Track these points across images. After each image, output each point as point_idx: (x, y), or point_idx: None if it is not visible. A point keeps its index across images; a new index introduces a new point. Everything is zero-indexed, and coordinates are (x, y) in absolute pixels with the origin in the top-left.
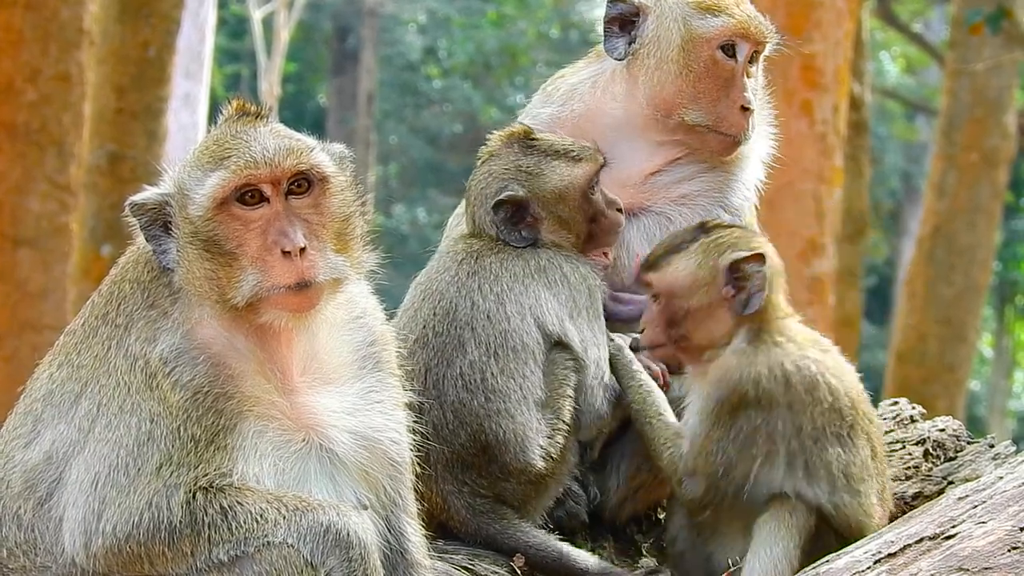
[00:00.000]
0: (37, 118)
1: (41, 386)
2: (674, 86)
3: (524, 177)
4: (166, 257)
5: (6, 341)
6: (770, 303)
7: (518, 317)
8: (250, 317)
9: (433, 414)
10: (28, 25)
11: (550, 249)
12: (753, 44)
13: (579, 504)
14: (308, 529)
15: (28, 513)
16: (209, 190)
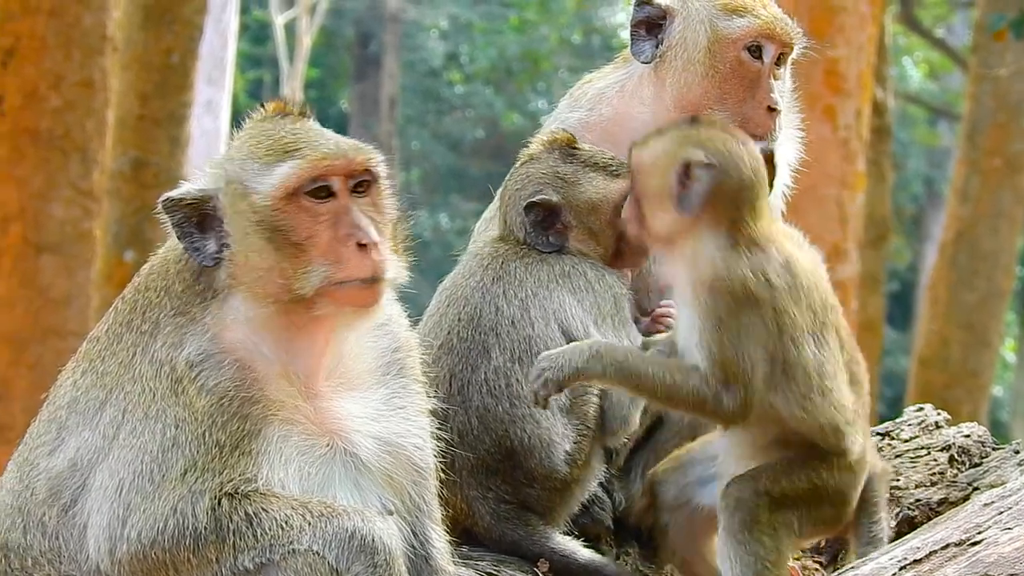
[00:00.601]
0: (60, 124)
1: (65, 393)
2: (700, 88)
3: (560, 184)
4: (200, 255)
5: (30, 347)
6: (738, 211)
7: (542, 322)
8: (306, 311)
9: (458, 420)
10: (51, 32)
11: (576, 256)
12: (779, 45)
13: (604, 510)
14: (333, 535)
15: (53, 520)
16: (279, 179)
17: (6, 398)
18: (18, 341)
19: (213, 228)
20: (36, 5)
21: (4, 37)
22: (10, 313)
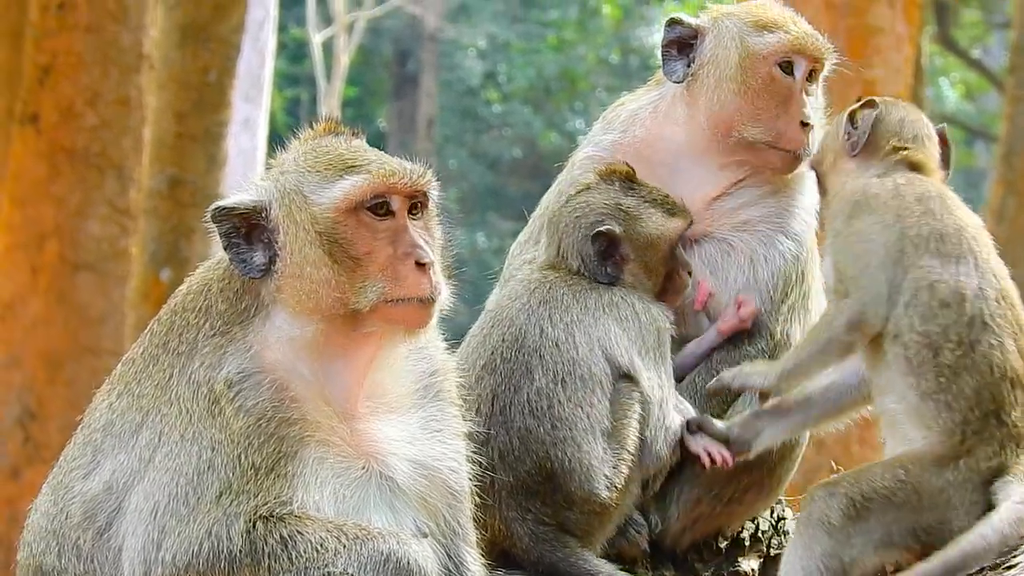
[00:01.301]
0: (97, 142)
1: (101, 416)
2: (733, 104)
3: (623, 216)
4: (247, 266)
5: (66, 365)
6: (885, 144)
7: (586, 347)
8: (354, 327)
9: (499, 440)
10: (89, 49)
11: (624, 288)
12: (810, 61)
13: (640, 533)
14: (369, 558)
15: (88, 543)
16: (342, 192)
17: (41, 417)
18: (54, 360)
19: (262, 240)
20: (73, 22)
21: (41, 54)
22: (46, 331)
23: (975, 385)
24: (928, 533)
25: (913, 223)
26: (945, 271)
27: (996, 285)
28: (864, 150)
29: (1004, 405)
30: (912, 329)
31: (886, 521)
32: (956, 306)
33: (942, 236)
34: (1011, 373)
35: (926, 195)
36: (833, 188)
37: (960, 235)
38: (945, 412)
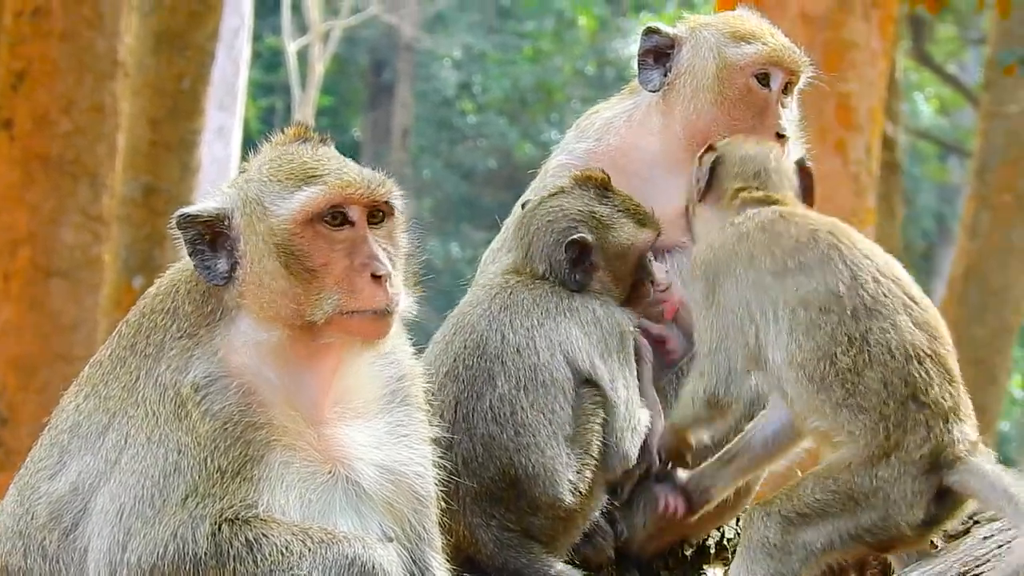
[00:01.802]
0: (71, 149)
1: (67, 417)
2: (709, 115)
3: (596, 224)
4: (210, 273)
5: (38, 372)
6: (729, 186)
7: (547, 352)
8: (312, 338)
9: (463, 447)
10: (63, 56)
11: (588, 293)
12: (787, 73)
13: (606, 540)
14: (334, 562)
15: (53, 544)
16: (299, 204)
17: (13, 422)
18: (26, 366)
19: (226, 247)
20: (48, 29)
21: (15, 60)
22: (18, 338)
23: (880, 377)
24: (873, 532)
25: (765, 255)
26: (812, 280)
27: (870, 267)
28: (710, 195)
29: (918, 385)
30: (801, 349)
31: (826, 531)
32: (835, 306)
33: (797, 250)
34: (913, 351)
35: (766, 220)
36: (696, 235)
37: (814, 238)
38: (860, 415)
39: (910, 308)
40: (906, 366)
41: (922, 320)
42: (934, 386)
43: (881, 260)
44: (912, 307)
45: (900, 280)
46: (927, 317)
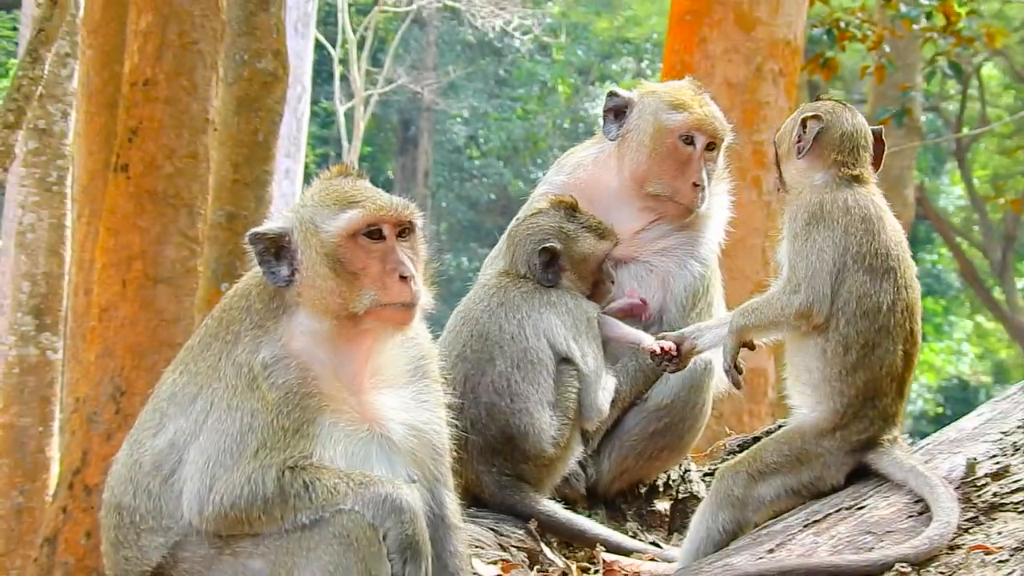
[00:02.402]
0: (172, 187)
1: (166, 389)
2: (646, 164)
3: (563, 237)
4: (275, 277)
5: (148, 356)
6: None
7: (535, 338)
8: (354, 325)
9: (470, 412)
10: (167, 116)
11: (562, 289)
12: (708, 137)
13: (580, 482)
14: (371, 499)
15: (156, 487)
16: (344, 223)
17: (129, 394)
18: (139, 352)
19: (286, 257)
20: (155, 95)
21: (131, 119)
22: (133, 330)
23: (866, 379)
24: (808, 488)
25: (855, 242)
26: (872, 286)
27: (905, 298)
28: (809, 155)
29: (880, 394)
30: (836, 329)
31: (776, 486)
32: (873, 317)
33: (875, 254)
34: (893, 371)
35: (868, 216)
36: (789, 182)
37: (888, 254)
38: (837, 396)
39: (908, 340)
40: (884, 379)
41: (909, 353)
42: (889, 398)
43: (913, 295)
44: (908, 340)
45: (913, 317)
46: (912, 352)
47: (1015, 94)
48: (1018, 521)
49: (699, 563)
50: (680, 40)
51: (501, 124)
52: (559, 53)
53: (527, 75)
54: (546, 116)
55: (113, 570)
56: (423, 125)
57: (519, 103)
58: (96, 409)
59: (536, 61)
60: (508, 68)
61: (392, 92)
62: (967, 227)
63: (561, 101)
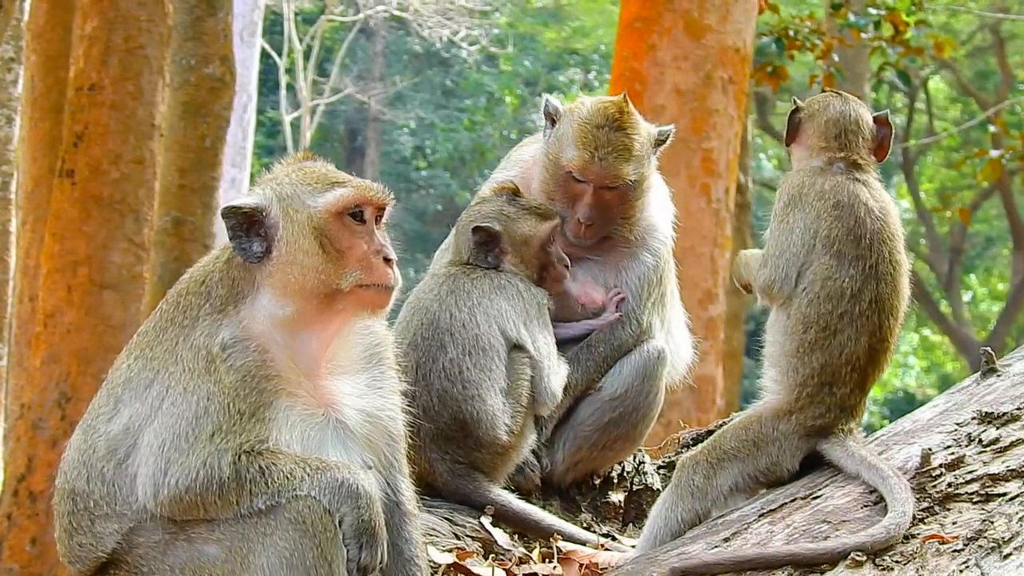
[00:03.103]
0: (118, 192)
1: (121, 375)
2: (541, 186)
3: (503, 219)
4: (247, 253)
5: (94, 361)
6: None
7: (486, 325)
8: (328, 307)
9: (422, 399)
10: (112, 121)
11: (511, 275)
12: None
13: (534, 471)
14: (327, 484)
15: (110, 472)
16: (334, 199)
17: (75, 400)
18: (85, 357)
19: (259, 233)
20: (101, 100)
21: (76, 124)
22: (78, 336)
23: (823, 362)
24: (765, 474)
25: (825, 226)
26: (838, 271)
27: (874, 289)
28: (796, 143)
29: (838, 381)
30: (798, 308)
31: (734, 474)
32: (835, 302)
33: (845, 240)
34: (854, 360)
35: (841, 202)
36: (792, 163)
37: (860, 242)
38: (792, 373)
39: (872, 336)
40: (843, 367)
41: (875, 348)
42: (848, 388)
43: (886, 289)
44: (875, 334)
45: (883, 312)
46: (879, 348)
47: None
48: (972, 511)
49: (655, 551)
50: (629, 47)
51: (448, 135)
52: (506, 64)
53: (474, 86)
54: (493, 127)
55: (67, 557)
56: (370, 135)
57: (466, 114)
58: (41, 415)
59: (483, 72)
60: (455, 79)
61: (339, 102)
62: (914, 240)
63: (508, 112)
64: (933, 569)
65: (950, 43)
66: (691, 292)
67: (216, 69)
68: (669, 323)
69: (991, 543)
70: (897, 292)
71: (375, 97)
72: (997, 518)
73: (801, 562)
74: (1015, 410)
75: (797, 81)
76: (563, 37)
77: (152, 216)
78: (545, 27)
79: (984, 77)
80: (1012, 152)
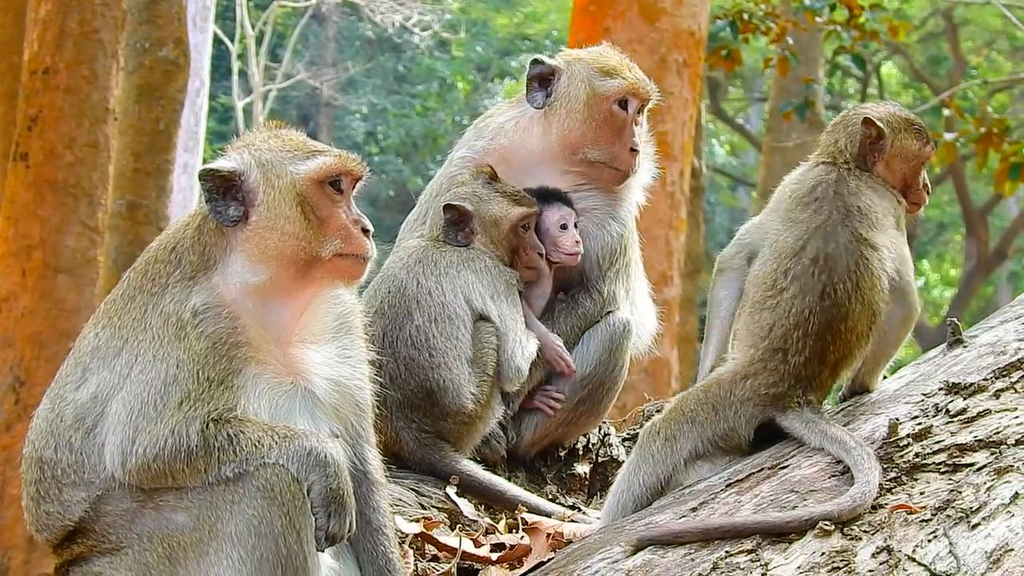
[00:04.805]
0: (73, 176)
1: (88, 343)
2: (580, 131)
3: (475, 199)
4: (222, 216)
5: (48, 346)
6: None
7: (451, 294)
8: (304, 275)
9: (389, 367)
10: (67, 104)
11: (481, 253)
12: (640, 101)
13: (500, 443)
14: (295, 452)
15: (78, 440)
16: (317, 166)
17: (30, 384)
18: (39, 341)
19: (236, 197)
20: (55, 84)
21: (30, 108)
22: (32, 320)
23: (771, 322)
24: (723, 440)
25: (783, 197)
26: (784, 231)
27: (820, 247)
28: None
29: (789, 347)
30: (752, 271)
31: (693, 439)
32: (779, 259)
33: (795, 207)
34: (802, 324)
35: (800, 174)
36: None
37: (809, 205)
38: (747, 335)
39: (826, 297)
40: (792, 332)
41: (831, 313)
42: (803, 356)
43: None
44: (827, 296)
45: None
46: (835, 314)
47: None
48: (940, 481)
49: (621, 522)
50: (584, 31)
51: (400, 120)
52: (458, 49)
53: (426, 71)
54: (445, 113)
55: (34, 525)
56: (322, 121)
57: (418, 99)
58: None
59: (435, 58)
60: (407, 64)
61: (291, 88)
62: None
63: (460, 98)
64: (901, 539)
65: (904, 26)
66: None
67: (170, 52)
68: (633, 294)
69: (959, 513)
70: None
71: (327, 83)
72: (965, 488)
73: (769, 531)
74: (982, 380)
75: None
76: (515, 23)
77: (106, 200)
78: (497, 13)
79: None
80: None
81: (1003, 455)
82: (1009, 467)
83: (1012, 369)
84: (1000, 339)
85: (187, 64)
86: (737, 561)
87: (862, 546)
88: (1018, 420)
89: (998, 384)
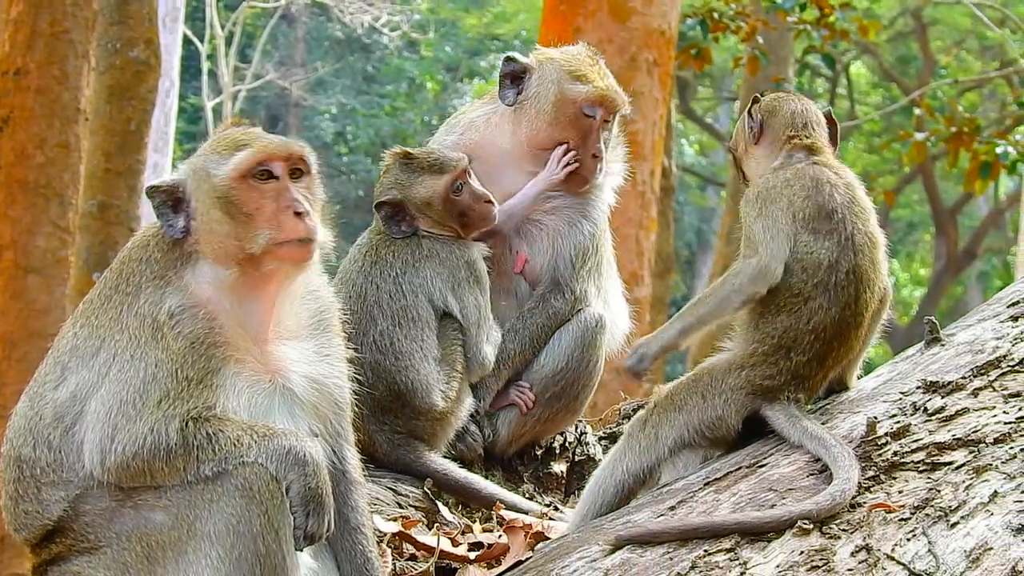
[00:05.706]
0: (44, 176)
1: (66, 343)
2: (547, 132)
3: (400, 187)
4: (172, 229)
5: (19, 346)
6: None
7: (412, 295)
8: (256, 269)
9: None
10: (37, 105)
11: (432, 239)
12: (607, 110)
13: (476, 441)
14: (274, 451)
15: (56, 439)
16: (234, 164)
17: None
18: (10, 342)
19: (182, 209)
20: (26, 84)
21: (1, 109)
22: (3, 320)
23: (786, 325)
24: (710, 429)
25: (799, 208)
26: (815, 245)
27: (851, 260)
28: (764, 138)
29: (796, 347)
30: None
31: (679, 426)
32: (812, 272)
33: (817, 217)
34: (820, 330)
35: (806, 184)
36: (749, 173)
37: (832, 216)
38: (752, 329)
39: (849, 307)
40: (806, 334)
41: (846, 321)
42: (806, 357)
43: (864, 261)
44: (850, 306)
45: (861, 283)
46: (851, 322)
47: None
48: (919, 480)
49: (600, 520)
50: (554, 30)
51: (369, 120)
52: (427, 50)
53: (395, 72)
54: (414, 113)
55: (13, 525)
56: (291, 121)
57: (387, 100)
58: None
59: (404, 58)
60: (376, 65)
61: (260, 88)
62: None
63: (429, 98)
64: (880, 537)
65: (874, 25)
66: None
67: (141, 52)
68: (606, 292)
69: (938, 512)
70: (875, 266)
71: (296, 83)
72: (944, 487)
73: (748, 530)
74: (960, 379)
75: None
76: (484, 23)
77: (77, 200)
78: (466, 13)
79: (905, 62)
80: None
81: (981, 454)
82: (988, 466)
83: (990, 367)
84: (978, 337)
85: (158, 64)
86: (716, 560)
87: (841, 545)
88: (996, 419)
89: (976, 382)
